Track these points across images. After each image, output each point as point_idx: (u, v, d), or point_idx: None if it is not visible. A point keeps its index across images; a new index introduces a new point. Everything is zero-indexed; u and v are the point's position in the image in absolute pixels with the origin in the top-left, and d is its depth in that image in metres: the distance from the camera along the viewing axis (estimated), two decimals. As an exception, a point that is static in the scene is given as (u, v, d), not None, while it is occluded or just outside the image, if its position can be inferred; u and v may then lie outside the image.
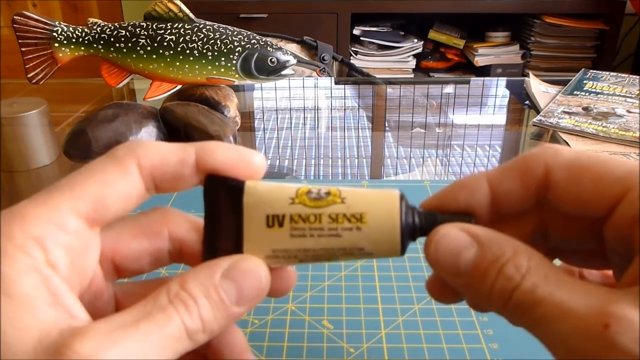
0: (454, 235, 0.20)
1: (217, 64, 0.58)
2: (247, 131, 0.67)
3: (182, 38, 0.57)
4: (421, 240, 0.22)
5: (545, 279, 0.18)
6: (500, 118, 0.75)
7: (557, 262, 0.25)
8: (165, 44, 0.57)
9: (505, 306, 0.19)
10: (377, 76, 1.04)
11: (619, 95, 0.72)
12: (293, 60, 0.61)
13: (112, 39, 0.58)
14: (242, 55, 0.58)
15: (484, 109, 0.77)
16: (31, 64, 0.59)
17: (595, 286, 0.18)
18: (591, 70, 0.81)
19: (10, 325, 0.16)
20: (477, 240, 0.20)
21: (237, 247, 0.21)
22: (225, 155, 0.22)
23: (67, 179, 0.20)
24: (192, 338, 0.19)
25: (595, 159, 0.20)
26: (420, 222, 0.22)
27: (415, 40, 2.05)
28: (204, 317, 0.19)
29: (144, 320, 0.18)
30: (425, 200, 0.23)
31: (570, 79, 0.79)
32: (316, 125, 0.69)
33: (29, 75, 0.59)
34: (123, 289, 0.23)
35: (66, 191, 0.20)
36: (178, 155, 0.21)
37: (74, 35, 0.58)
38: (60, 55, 0.59)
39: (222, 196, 0.22)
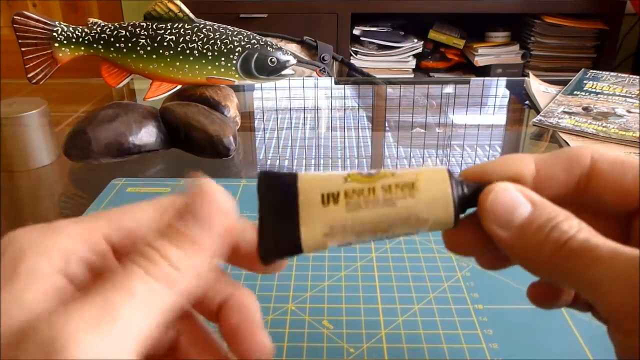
0: (511, 192, 0.21)
1: (217, 64, 0.58)
2: (247, 131, 0.67)
3: (182, 38, 0.57)
4: (423, 241, 0.22)
5: (596, 235, 0.20)
6: (500, 118, 0.75)
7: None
8: (165, 44, 0.57)
9: (555, 256, 0.20)
10: (377, 76, 1.04)
11: (619, 95, 0.72)
12: (293, 60, 0.61)
13: (112, 39, 0.58)
14: (242, 55, 0.58)
15: (484, 109, 0.77)
16: (31, 64, 0.59)
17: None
18: (591, 70, 0.81)
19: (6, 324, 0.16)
20: (532, 202, 0.21)
21: (293, 231, 0.22)
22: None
23: (110, 210, 0.21)
24: (171, 287, 0.17)
25: (636, 159, 0.22)
26: (469, 192, 0.22)
27: (415, 40, 2.05)
28: (171, 257, 0.18)
29: (103, 288, 0.16)
30: (471, 168, 0.24)
31: (570, 79, 0.79)
32: (316, 125, 0.69)
33: (29, 75, 0.59)
34: None
35: (103, 217, 0.21)
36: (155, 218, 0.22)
37: (74, 35, 0.58)
38: (60, 55, 0.59)
39: (276, 187, 0.22)
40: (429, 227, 0.22)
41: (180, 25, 0.58)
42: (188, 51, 0.57)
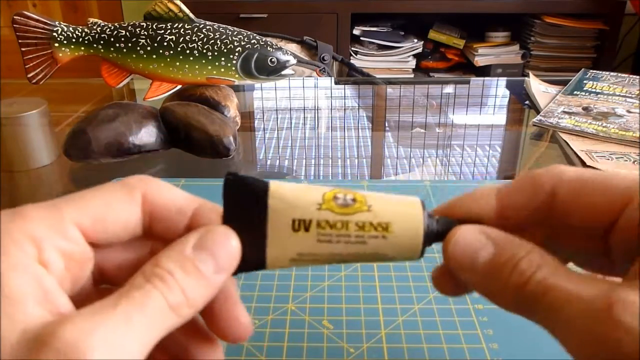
0: (472, 235, 0.22)
1: (217, 64, 0.58)
2: (247, 131, 0.67)
3: (182, 38, 0.57)
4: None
5: (555, 271, 0.20)
6: (500, 118, 0.75)
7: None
8: (165, 44, 0.57)
9: (517, 297, 0.20)
10: (377, 76, 1.04)
11: (619, 95, 0.72)
12: (293, 60, 0.61)
13: (112, 39, 0.58)
14: (242, 55, 0.58)
15: (484, 109, 0.77)
16: (31, 64, 0.59)
17: (600, 279, 0.19)
18: (591, 70, 0.81)
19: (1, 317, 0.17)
20: (494, 241, 0.21)
21: (259, 249, 0.21)
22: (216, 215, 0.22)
23: (76, 193, 0.21)
24: (176, 312, 0.19)
25: (599, 174, 0.22)
26: (438, 229, 0.23)
27: (415, 40, 2.05)
28: (184, 288, 0.19)
29: (124, 301, 0.18)
30: (436, 208, 0.25)
31: (570, 79, 0.79)
32: (316, 125, 0.69)
33: (29, 75, 0.59)
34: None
35: (72, 203, 0.20)
36: (184, 205, 0.22)
37: (74, 35, 0.58)
38: (60, 55, 0.59)
39: (245, 197, 0.21)
40: (393, 261, 0.23)
41: (180, 25, 0.58)
42: (188, 51, 0.57)
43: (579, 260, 0.25)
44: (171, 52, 0.58)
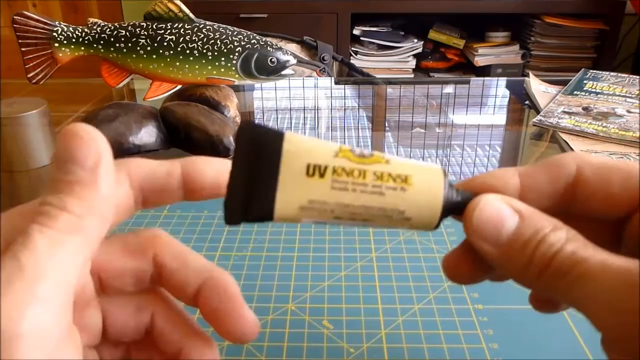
0: (496, 205, 0.21)
1: (217, 64, 0.58)
2: (247, 131, 0.67)
3: (182, 38, 0.57)
4: (423, 241, 0.22)
5: (584, 245, 0.19)
6: (500, 118, 0.75)
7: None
8: (165, 44, 0.57)
9: (544, 272, 0.19)
10: (377, 76, 1.04)
11: (619, 95, 0.72)
12: (293, 60, 0.61)
13: (112, 39, 0.58)
14: (242, 55, 0.58)
15: (484, 109, 0.77)
16: (31, 64, 0.59)
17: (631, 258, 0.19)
18: (591, 70, 0.81)
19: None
20: (519, 213, 0.20)
21: (267, 193, 0.20)
22: (212, 167, 0.22)
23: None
24: (73, 231, 0.18)
25: (623, 162, 0.22)
26: (458, 198, 0.21)
27: (415, 40, 2.05)
28: (65, 206, 0.18)
29: (8, 253, 0.17)
30: (455, 184, 0.23)
31: (570, 79, 0.79)
32: (316, 125, 0.69)
33: (29, 75, 0.59)
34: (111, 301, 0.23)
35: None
36: (165, 168, 0.22)
37: (74, 35, 0.58)
38: (60, 55, 0.59)
39: (258, 141, 0.20)
40: (408, 226, 0.21)
41: (180, 25, 0.58)
42: (188, 51, 0.57)
43: None
44: (171, 52, 0.58)
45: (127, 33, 0.58)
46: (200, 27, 0.58)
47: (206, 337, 0.23)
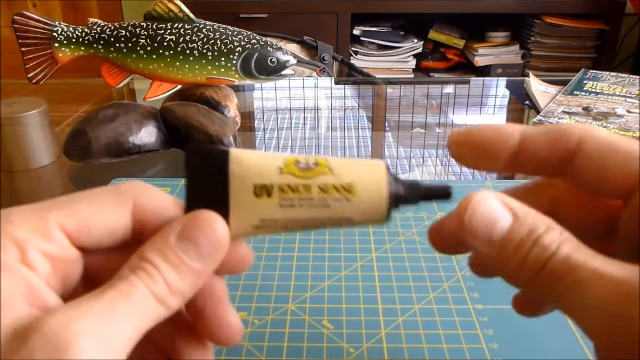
0: (490, 203, 0.20)
1: (217, 64, 0.58)
2: (247, 131, 0.67)
3: (182, 38, 0.57)
4: (423, 241, 0.22)
5: (578, 249, 0.19)
6: (500, 118, 0.75)
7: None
8: (165, 44, 0.57)
9: (537, 275, 0.19)
10: (377, 76, 1.04)
11: (619, 95, 0.72)
12: (293, 60, 0.61)
13: (112, 39, 0.58)
14: (242, 55, 0.58)
15: (484, 109, 0.77)
16: (31, 64, 0.59)
17: (626, 263, 0.18)
18: (591, 70, 0.81)
19: None
20: (512, 212, 0.20)
21: (222, 217, 0.21)
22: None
23: (65, 196, 0.21)
24: (162, 303, 0.19)
25: (626, 139, 0.21)
26: (405, 192, 0.22)
27: (415, 40, 2.05)
28: (168, 279, 0.19)
29: (109, 291, 0.18)
30: (456, 133, 0.23)
31: (570, 79, 0.79)
32: (316, 125, 0.69)
33: (29, 75, 0.59)
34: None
35: (57, 206, 0.20)
36: (174, 212, 0.22)
37: (74, 35, 0.58)
38: (60, 55, 0.59)
39: (206, 164, 0.21)
40: (358, 226, 0.22)
41: (180, 25, 0.58)
42: (188, 51, 0.57)
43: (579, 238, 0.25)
44: (171, 52, 0.58)
45: (127, 33, 0.58)
46: (200, 27, 0.58)
47: (202, 337, 0.23)
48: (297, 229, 0.22)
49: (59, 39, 0.58)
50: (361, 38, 2.03)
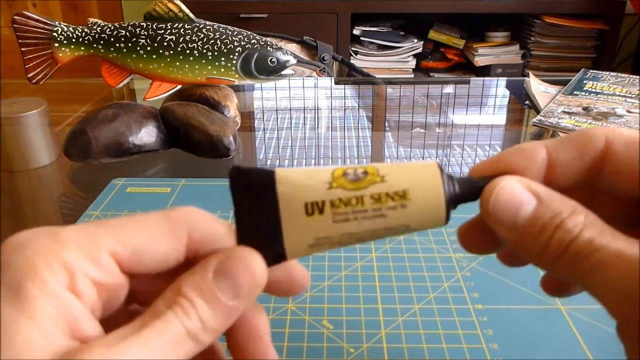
0: (514, 188, 0.20)
1: (217, 64, 0.58)
2: (247, 131, 0.67)
3: (182, 38, 0.57)
4: (423, 241, 0.22)
5: (602, 232, 0.19)
6: (500, 118, 0.75)
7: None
8: (165, 44, 0.57)
9: (560, 258, 0.19)
10: (377, 76, 1.04)
11: (619, 95, 0.72)
12: (293, 60, 0.61)
13: (112, 39, 0.58)
14: (242, 55, 0.58)
15: (484, 109, 0.77)
16: (31, 64, 0.59)
17: None
18: (591, 70, 0.81)
19: (25, 343, 0.16)
20: (536, 196, 0.20)
21: (275, 241, 0.20)
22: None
23: (117, 219, 0.20)
24: (194, 339, 0.19)
25: None
26: (461, 190, 0.21)
27: (415, 40, 2.05)
28: (202, 316, 0.19)
29: (144, 328, 0.18)
30: (480, 164, 0.23)
31: (570, 79, 0.79)
32: (316, 125, 0.69)
33: (29, 75, 0.59)
34: None
35: (110, 230, 0.20)
36: (228, 240, 0.22)
37: (74, 35, 0.58)
38: (60, 55, 0.59)
39: (253, 189, 0.21)
40: (416, 231, 0.21)
41: (180, 25, 0.58)
42: (188, 51, 0.57)
43: None
44: (171, 52, 0.58)
45: (127, 33, 0.58)
46: (200, 27, 0.58)
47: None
48: (354, 242, 0.21)
49: (59, 39, 0.58)
50: (361, 38, 2.03)
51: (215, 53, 0.57)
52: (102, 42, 0.58)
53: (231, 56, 0.58)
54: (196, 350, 0.19)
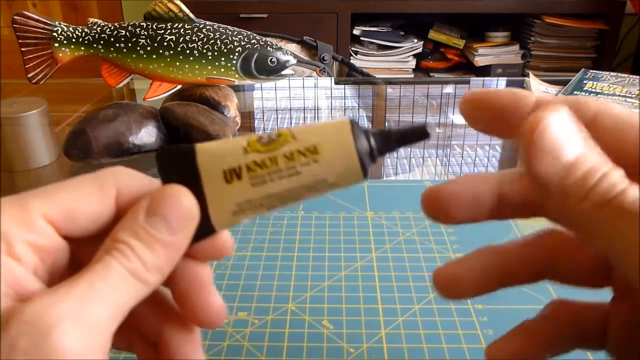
0: (565, 124, 0.19)
1: (217, 64, 0.58)
2: (247, 131, 0.67)
3: (182, 38, 0.57)
4: (423, 241, 0.22)
5: None
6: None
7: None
8: (165, 44, 0.57)
9: (601, 209, 0.18)
10: (377, 76, 1.04)
11: (619, 95, 0.72)
12: (293, 60, 0.61)
13: (112, 39, 0.58)
14: (242, 55, 0.58)
15: (484, 109, 0.77)
16: (31, 64, 0.59)
17: None
18: (591, 70, 0.81)
19: None
20: (585, 139, 0.19)
21: (202, 214, 0.21)
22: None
23: (47, 186, 0.21)
24: (139, 279, 0.19)
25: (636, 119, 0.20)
26: (376, 141, 0.21)
27: (415, 40, 2.05)
28: (141, 256, 0.19)
29: (85, 274, 0.18)
30: (471, 93, 0.23)
31: (570, 79, 0.79)
32: (316, 125, 0.69)
33: (29, 75, 0.59)
34: None
35: (40, 196, 0.20)
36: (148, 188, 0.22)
37: (74, 35, 0.58)
38: (60, 55, 0.59)
39: (176, 163, 0.21)
40: (338, 187, 0.21)
41: (180, 25, 0.58)
42: (188, 51, 0.57)
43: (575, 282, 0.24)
44: (171, 52, 0.58)
45: (127, 33, 0.58)
46: (200, 27, 0.58)
47: (186, 320, 0.23)
48: (279, 205, 0.21)
49: (59, 39, 0.58)
50: (361, 38, 2.03)
51: (215, 53, 0.57)
52: (102, 42, 0.58)
53: (231, 56, 0.58)
54: (145, 290, 0.19)
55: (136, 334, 0.23)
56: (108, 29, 0.58)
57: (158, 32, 0.58)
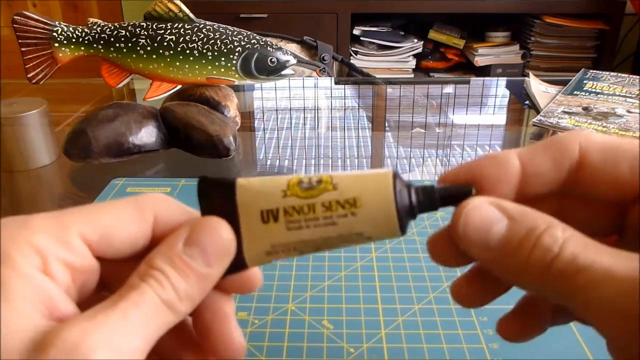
0: (483, 209, 0.20)
1: (217, 64, 0.58)
2: (247, 131, 0.67)
3: (182, 38, 0.57)
4: (423, 241, 0.22)
5: (584, 247, 0.18)
6: (500, 118, 0.75)
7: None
8: (165, 44, 0.57)
9: (543, 277, 0.18)
10: (377, 76, 1.04)
11: (619, 95, 0.72)
12: (293, 60, 0.61)
13: (112, 39, 0.58)
14: (242, 55, 0.58)
15: (484, 109, 0.77)
16: (31, 64, 0.59)
17: (634, 254, 0.18)
18: (591, 70, 0.81)
19: (4, 326, 0.17)
20: (507, 214, 0.20)
21: (238, 249, 0.21)
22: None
23: (86, 206, 0.21)
24: (171, 308, 0.19)
25: (629, 142, 0.21)
26: (418, 199, 0.21)
27: (415, 40, 2.05)
28: (175, 285, 0.19)
29: (120, 301, 0.18)
30: (451, 171, 0.22)
31: (570, 79, 0.79)
32: (316, 125, 0.69)
33: (29, 75, 0.59)
34: None
35: (79, 215, 0.20)
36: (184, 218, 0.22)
37: (74, 35, 0.58)
38: (60, 55, 0.59)
39: (216, 196, 0.21)
40: (375, 240, 0.21)
41: (180, 25, 0.58)
42: (188, 51, 0.57)
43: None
44: (171, 52, 0.58)
45: (127, 33, 0.58)
46: (200, 27, 0.58)
47: (205, 350, 0.23)
48: (311, 251, 0.21)
49: (59, 39, 0.58)
50: (361, 38, 2.03)
51: (215, 53, 0.57)
52: (102, 42, 0.58)
53: (231, 56, 0.58)
54: (175, 319, 0.19)
55: (156, 356, 0.23)
56: (108, 29, 0.58)
57: (158, 32, 0.58)
